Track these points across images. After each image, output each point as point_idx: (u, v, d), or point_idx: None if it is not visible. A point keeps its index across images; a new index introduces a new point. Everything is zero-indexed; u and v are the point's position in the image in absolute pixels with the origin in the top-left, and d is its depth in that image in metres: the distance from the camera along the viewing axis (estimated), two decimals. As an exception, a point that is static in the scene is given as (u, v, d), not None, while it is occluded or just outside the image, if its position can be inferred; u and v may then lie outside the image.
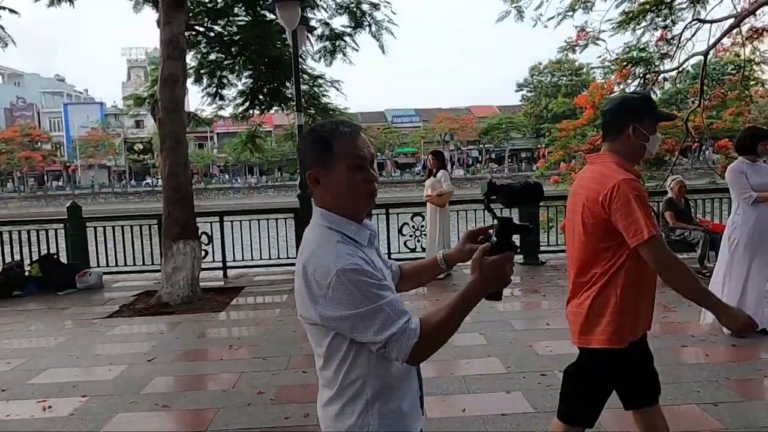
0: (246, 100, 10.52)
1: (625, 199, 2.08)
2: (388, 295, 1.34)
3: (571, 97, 41.15)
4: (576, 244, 2.34)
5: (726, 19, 10.14)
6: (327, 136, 1.42)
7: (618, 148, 2.26)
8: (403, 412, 1.43)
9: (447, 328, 1.37)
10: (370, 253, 1.43)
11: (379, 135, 60.24)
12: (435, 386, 3.98)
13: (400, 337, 1.31)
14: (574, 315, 2.37)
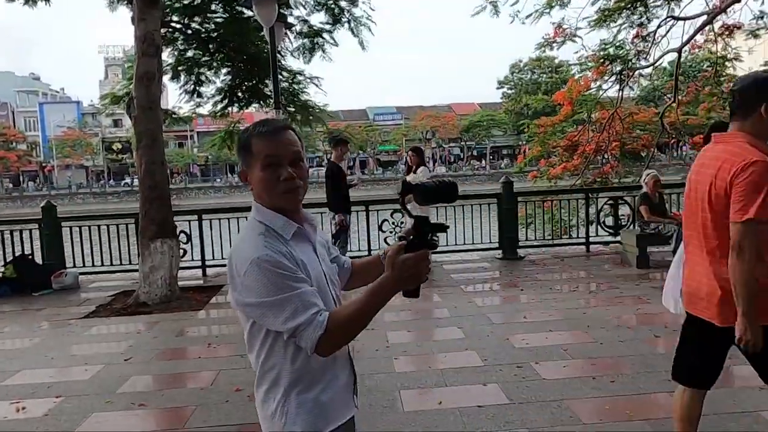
0: (224, 98, 10.44)
1: (753, 178, 2.08)
2: (300, 287, 1.37)
3: (551, 94, 41.46)
4: (700, 221, 2.33)
5: (699, 16, 10.35)
6: (247, 136, 1.48)
7: (749, 127, 2.25)
8: (322, 402, 1.46)
9: (354, 324, 1.38)
10: (297, 246, 1.46)
11: (361, 133, 60.22)
12: (413, 380, 4.01)
13: (307, 328, 1.34)
14: (706, 289, 2.35)
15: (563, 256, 8.42)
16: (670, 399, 3.50)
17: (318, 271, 1.49)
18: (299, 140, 1.51)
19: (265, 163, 1.44)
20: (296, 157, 1.47)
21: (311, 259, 1.49)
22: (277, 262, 1.36)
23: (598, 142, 12.14)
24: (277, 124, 1.50)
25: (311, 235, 1.54)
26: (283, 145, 1.46)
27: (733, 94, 2.35)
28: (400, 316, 5.72)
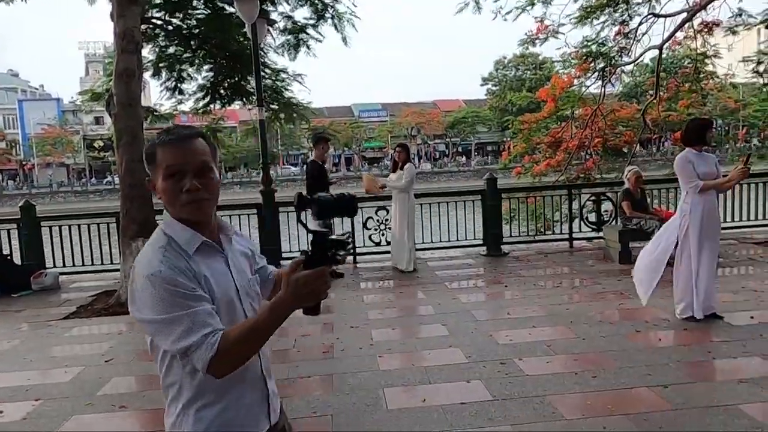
0: (207, 95, 10.35)
1: None
2: (194, 305, 1.32)
3: (535, 90, 41.73)
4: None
5: (679, 13, 10.46)
6: (152, 145, 1.44)
7: None
8: (224, 419, 1.43)
9: (248, 344, 1.33)
10: (203, 260, 1.41)
11: (346, 130, 60.11)
12: (397, 378, 4.01)
13: (197, 349, 1.29)
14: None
15: (547, 252, 8.47)
16: (651, 393, 3.55)
17: (227, 285, 1.44)
18: (211, 149, 1.46)
19: (167, 173, 1.39)
20: (203, 167, 1.41)
21: (220, 272, 1.44)
22: (171, 280, 1.32)
23: (581, 138, 12.22)
24: (182, 132, 1.43)
25: (226, 247, 1.49)
26: (188, 154, 1.40)
27: None
28: (384, 314, 5.72)
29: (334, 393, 3.82)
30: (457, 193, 9.77)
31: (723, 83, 15.61)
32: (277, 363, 4.44)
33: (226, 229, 1.52)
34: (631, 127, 14.12)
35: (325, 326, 5.42)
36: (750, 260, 7.30)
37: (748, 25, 11.00)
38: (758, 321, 4.78)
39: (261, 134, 8.06)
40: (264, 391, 1.52)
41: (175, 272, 1.33)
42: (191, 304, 1.32)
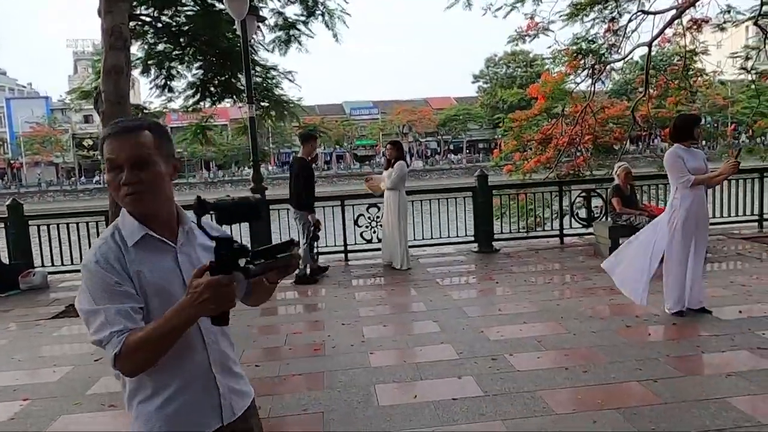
0: (197, 92, 10.26)
1: None
2: (113, 301, 1.34)
3: (526, 88, 41.87)
4: None
5: (668, 10, 10.51)
6: (101, 139, 1.45)
7: None
8: (165, 414, 1.43)
9: (149, 347, 1.32)
10: (142, 255, 1.40)
11: (338, 127, 59.97)
12: (388, 374, 4.01)
13: (107, 345, 1.32)
14: None
15: (538, 248, 8.50)
16: (641, 387, 3.57)
17: (171, 281, 1.42)
18: (158, 141, 1.43)
19: (109, 166, 1.40)
20: (140, 160, 1.39)
21: (164, 268, 1.43)
22: (97, 272, 1.35)
23: (571, 135, 12.27)
24: (125, 125, 1.42)
25: (182, 241, 1.47)
26: (126, 147, 1.39)
27: None
28: (376, 311, 5.72)
29: (326, 390, 3.81)
30: (448, 190, 9.78)
31: (712, 80, 15.73)
32: (267, 360, 4.44)
33: (185, 222, 1.51)
34: (621, 124, 14.20)
35: (316, 323, 5.42)
36: (738, 255, 7.36)
37: (736, 22, 11.07)
38: (746, 315, 4.82)
39: (251, 132, 8.02)
40: (213, 387, 1.49)
41: (102, 265, 1.36)
42: (110, 299, 1.34)
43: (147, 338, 1.31)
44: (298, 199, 6.99)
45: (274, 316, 5.87)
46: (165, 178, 1.45)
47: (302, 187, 6.96)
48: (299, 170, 7.10)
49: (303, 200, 6.97)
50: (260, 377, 4.10)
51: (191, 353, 1.44)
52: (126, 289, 1.36)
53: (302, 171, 7.07)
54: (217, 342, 1.51)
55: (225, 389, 1.52)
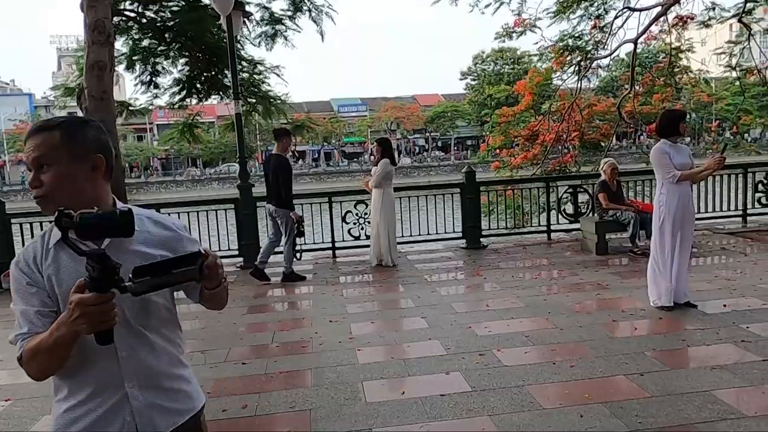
0: (183, 89, 10.18)
1: None
2: (24, 303, 1.35)
3: (513, 84, 42.03)
4: None
5: (654, 7, 10.57)
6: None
7: None
8: (71, 418, 1.40)
9: (39, 357, 1.30)
10: (59, 257, 1.36)
11: (326, 124, 59.79)
12: (376, 371, 3.99)
13: (16, 346, 1.34)
14: None
15: (525, 244, 8.53)
16: (627, 381, 3.59)
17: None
18: (65, 140, 1.36)
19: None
20: (40, 162, 1.35)
21: (74, 274, 1.30)
22: (16, 272, 1.36)
23: (558, 131, 12.32)
24: (38, 125, 1.39)
25: (101, 245, 1.33)
26: (30, 149, 1.37)
27: None
28: (363, 308, 5.70)
29: (313, 387, 3.79)
30: (436, 187, 9.79)
31: (697, 77, 15.86)
32: (254, 358, 4.41)
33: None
34: (608, 121, 14.28)
35: (303, 321, 5.39)
36: (722, 250, 7.44)
37: (721, 19, 11.18)
38: (731, 309, 4.87)
39: (237, 128, 7.95)
40: (125, 402, 1.40)
41: (20, 266, 1.37)
42: (22, 301, 1.35)
43: (37, 348, 1.30)
44: (279, 197, 6.78)
45: (261, 314, 5.83)
46: (75, 178, 1.37)
47: (282, 185, 6.75)
48: (277, 167, 6.83)
49: (283, 198, 6.77)
50: (247, 375, 4.07)
51: (100, 364, 1.37)
52: (36, 291, 1.34)
53: (280, 168, 6.82)
54: (136, 356, 1.41)
55: (141, 405, 1.41)
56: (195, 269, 1.27)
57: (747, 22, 10.64)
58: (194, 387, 1.57)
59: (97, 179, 1.41)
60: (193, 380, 1.58)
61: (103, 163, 1.42)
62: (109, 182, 1.46)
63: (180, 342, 1.56)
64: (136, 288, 1.20)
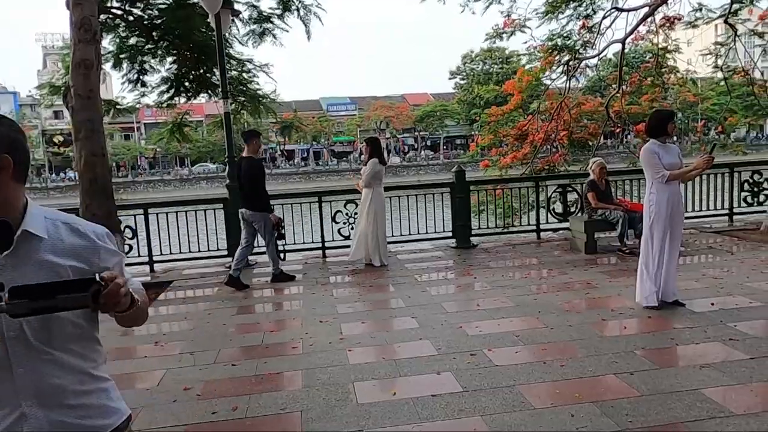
0: (171, 87, 10.10)
1: None
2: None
3: (502, 84, 42.16)
4: None
5: (641, 8, 10.63)
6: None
7: None
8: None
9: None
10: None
11: (315, 123, 59.66)
12: (367, 372, 3.98)
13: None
14: None
15: (515, 243, 8.56)
16: (617, 380, 3.60)
17: None
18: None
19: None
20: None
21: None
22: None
23: (547, 131, 12.36)
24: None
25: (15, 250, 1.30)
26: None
27: None
28: (354, 308, 5.68)
29: (304, 389, 3.77)
30: (426, 186, 9.79)
31: (684, 78, 16.01)
32: (244, 359, 4.38)
33: (26, 232, 1.32)
34: (596, 120, 14.36)
35: (293, 321, 5.36)
36: (710, 249, 7.51)
37: (708, 20, 11.28)
38: (718, 307, 4.91)
39: (226, 127, 7.90)
40: (20, 421, 1.32)
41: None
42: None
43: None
44: (253, 201, 6.60)
45: (251, 314, 5.80)
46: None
47: (257, 188, 6.59)
48: (250, 170, 6.64)
49: (258, 201, 6.61)
50: (237, 376, 4.04)
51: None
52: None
53: (254, 171, 6.65)
54: (35, 373, 1.33)
55: (42, 423, 1.33)
56: (86, 296, 1.16)
57: (733, 23, 10.74)
58: (113, 402, 1.48)
59: (3, 180, 1.31)
60: (112, 394, 1.49)
61: (10, 164, 1.31)
62: (21, 183, 1.36)
63: (96, 356, 1.46)
64: (11, 309, 1.13)
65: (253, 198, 6.58)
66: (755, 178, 9.31)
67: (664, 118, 4.89)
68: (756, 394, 3.33)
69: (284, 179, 51.52)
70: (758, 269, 6.19)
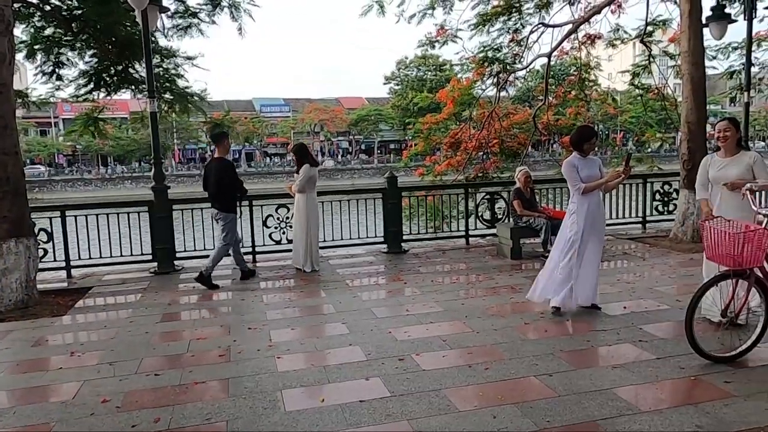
0: (90, 81, 9.62)
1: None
2: None
3: (435, 91, 43.02)
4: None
5: (566, 24, 11.20)
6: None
7: None
8: None
9: None
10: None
11: (247, 124, 58.42)
12: (295, 379, 3.95)
13: None
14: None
15: (445, 249, 8.75)
16: (538, 381, 3.77)
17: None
18: None
19: None
20: None
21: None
22: None
23: (479, 139, 12.76)
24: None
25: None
26: None
27: None
28: (284, 314, 5.62)
29: (230, 398, 3.69)
30: (358, 191, 9.83)
31: (606, 94, 16.96)
32: (168, 369, 4.23)
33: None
34: (525, 130, 14.95)
35: (221, 328, 5.24)
36: (625, 254, 7.98)
37: (625, 39, 12.04)
38: (630, 311, 5.23)
39: (152, 127, 7.60)
40: None
41: None
42: None
43: None
44: (222, 201, 6.81)
45: (176, 322, 5.61)
46: None
47: (229, 188, 6.84)
48: (222, 171, 6.84)
49: (228, 201, 6.83)
50: (160, 387, 3.90)
51: None
52: None
53: (225, 171, 6.86)
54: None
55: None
56: None
57: (648, 43, 11.50)
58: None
59: None
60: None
61: None
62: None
63: None
64: None
65: (222, 198, 6.82)
66: (665, 189, 9.98)
67: (584, 136, 5.17)
68: (661, 392, 3.58)
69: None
70: (666, 274, 6.64)
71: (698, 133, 8.31)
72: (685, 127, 8.36)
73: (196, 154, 60.17)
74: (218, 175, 6.80)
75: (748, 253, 3.75)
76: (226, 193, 6.83)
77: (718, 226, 3.90)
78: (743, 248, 3.75)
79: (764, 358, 4.01)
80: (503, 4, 11.38)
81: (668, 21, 11.48)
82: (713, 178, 4.72)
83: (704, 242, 4.05)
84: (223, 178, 6.79)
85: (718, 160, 4.72)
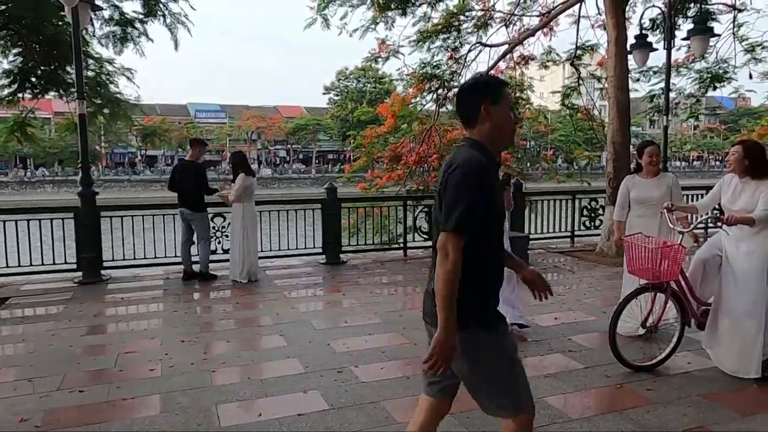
0: (14, 82, 9.08)
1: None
2: None
3: (375, 104, 43.42)
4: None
5: (502, 44, 11.62)
6: None
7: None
8: None
9: None
10: None
11: (181, 130, 56.71)
12: (231, 393, 3.85)
13: None
14: None
15: (383, 260, 8.80)
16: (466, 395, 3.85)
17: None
18: None
19: None
20: None
21: None
22: None
23: (419, 153, 12.96)
24: None
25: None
26: None
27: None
28: (219, 326, 5.48)
29: (162, 414, 3.55)
30: (297, 201, 9.75)
31: (538, 111, 17.67)
32: (93, 384, 4.03)
33: None
34: (462, 146, 15.30)
35: (152, 341, 5.03)
36: (555, 267, 8.31)
37: (556, 61, 12.64)
38: (560, 322, 5.45)
39: (81, 131, 7.24)
40: None
41: None
42: None
43: None
44: (194, 202, 7.29)
45: (102, 335, 5.34)
46: None
47: (200, 190, 7.34)
48: (196, 174, 7.34)
49: (200, 203, 7.34)
50: (85, 404, 3.70)
51: None
52: None
53: (199, 174, 7.38)
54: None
55: None
56: None
57: (577, 66, 12.12)
58: None
59: None
60: None
61: None
62: None
63: None
64: None
65: (194, 200, 7.31)
66: (592, 205, 10.50)
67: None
68: (589, 400, 3.75)
69: (145, 187, 48.18)
70: (594, 287, 6.98)
71: (623, 153, 8.82)
72: (611, 147, 8.85)
73: (125, 159, 57.80)
74: (192, 177, 7.30)
75: (666, 267, 4.02)
76: (201, 195, 7.35)
77: (638, 242, 4.16)
78: (661, 263, 4.01)
79: (682, 366, 4.29)
80: (443, 22, 11.68)
81: (596, 46, 12.12)
82: (636, 199, 5.01)
83: (626, 256, 4.31)
84: (203, 179, 7.40)
85: (640, 181, 5.02)
